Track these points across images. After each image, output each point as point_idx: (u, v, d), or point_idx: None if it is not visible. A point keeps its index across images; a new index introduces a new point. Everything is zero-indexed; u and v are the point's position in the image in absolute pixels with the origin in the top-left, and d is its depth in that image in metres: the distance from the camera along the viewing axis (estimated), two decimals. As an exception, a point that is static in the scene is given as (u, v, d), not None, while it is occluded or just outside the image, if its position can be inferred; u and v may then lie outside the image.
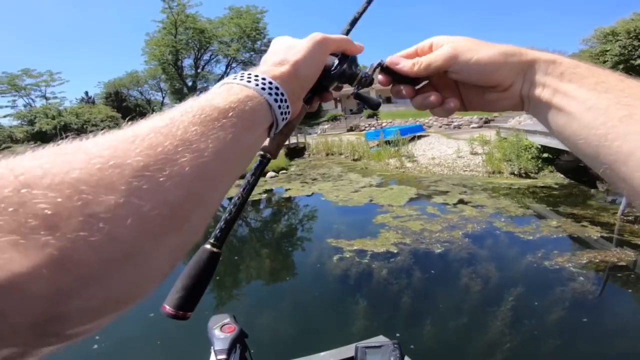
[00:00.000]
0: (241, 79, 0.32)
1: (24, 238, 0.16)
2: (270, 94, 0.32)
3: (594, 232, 5.06)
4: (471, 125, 21.25)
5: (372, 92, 33.35)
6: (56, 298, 0.17)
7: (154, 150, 0.22)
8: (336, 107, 34.69)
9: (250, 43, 31.24)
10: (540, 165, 9.05)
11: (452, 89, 0.41)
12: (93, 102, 36.95)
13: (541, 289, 3.75)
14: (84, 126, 21.98)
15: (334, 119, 30.44)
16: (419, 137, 14.79)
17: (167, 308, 0.28)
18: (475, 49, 0.37)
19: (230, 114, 0.27)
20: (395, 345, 0.92)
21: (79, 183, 0.18)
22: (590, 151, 0.30)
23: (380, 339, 1.09)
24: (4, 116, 38.20)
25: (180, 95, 32.76)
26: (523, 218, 5.77)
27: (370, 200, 7.23)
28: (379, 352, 0.91)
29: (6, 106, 30.26)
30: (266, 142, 0.37)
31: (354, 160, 14.07)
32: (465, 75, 0.38)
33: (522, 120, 16.94)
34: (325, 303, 3.78)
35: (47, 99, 30.98)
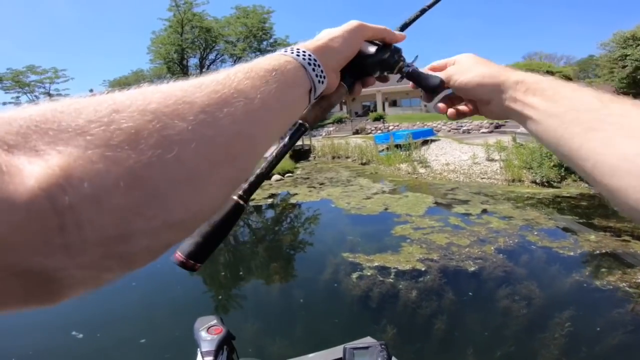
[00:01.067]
0: (279, 51, 0.37)
1: (110, 150, 0.19)
2: (304, 58, 0.36)
3: (639, 248, 4.56)
4: (481, 130, 20.72)
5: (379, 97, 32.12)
6: (126, 213, 0.19)
7: (215, 95, 0.26)
8: (341, 109, 34.25)
9: (257, 43, 30.92)
10: (562, 174, 8.54)
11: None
12: (97, 100, 36.66)
13: (596, 311, 3.27)
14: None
15: (340, 121, 29.97)
16: (430, 141, 14.28)
17: (178, 254, 0.29)
18: (465, 72, 0.46)
19: (274, 73, 0.32)
20: (383, 346, 0.92)
21: (157, 111, 0.22)
22: (554, 149, 0.36)
23: (368, 340, 1.07)
24: (7, 113, 38.06)
25: (184, 95, 32.40)
26: (557, 231, 5.27)
27: (386, 209, 6.74)
28: (367, 353, 0.91)
29: (9, 102, 30.06)
30: (305, 112, 0.39)
31: (362, 164, 13.60)
32: (459, 92, 0.48)
33: (536, 126, 16.44)
34: (314, 306, 3.62)
35: (50, 96, 30.71)
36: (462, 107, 0.51)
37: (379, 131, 25.05)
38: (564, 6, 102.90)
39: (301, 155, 17.67)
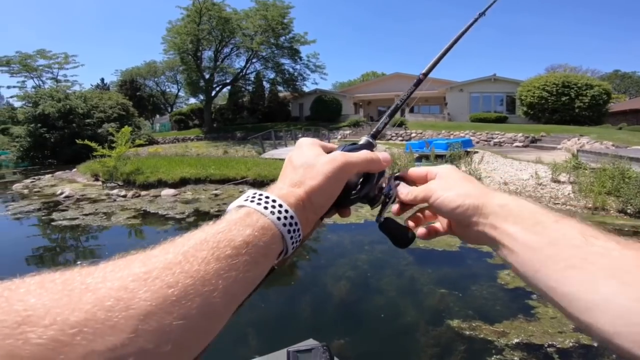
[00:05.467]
0: (259, 203, 0.32)
1: None
2: (284, 224, 0.32)
3: None
4: (514, 144, 19.17)
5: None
6: None
7: (167, 291, 0.22)
8: (357, 112, 32.83)
9: (274, 38, 29.63)
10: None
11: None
12: (108, 89, 35.59)
13: None
14: (91, 112, 20.21)
15: (356, 124, 28.55)
16: (468, 153, 12.76)
17: None
18: (446, 189, 0.42)
19: (244, 250, 0.28)
20: (325, 348, 0.95)
21: (84, 323, 0.19)
22: (529, 282, 0.35)
23: (310, 342, 1.05)
24: (11, 97, 37.03)
25: (196, 88, 31.22)
26: None
27: (463, 242, 5.21)
28: (310, 356, 0.93)
29: (14, 86, 28.91)
30: None
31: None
32: (437, 211, 0.43)
33: (586, 143, 14.89)
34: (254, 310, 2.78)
35: (57, 81, 29.55)
36: (437, 226, 0.47)
37: (400, 138, 23.62)
38: (583, 22, 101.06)
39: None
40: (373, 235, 5.75)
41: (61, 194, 9.05)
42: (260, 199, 0.33)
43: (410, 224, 0.47)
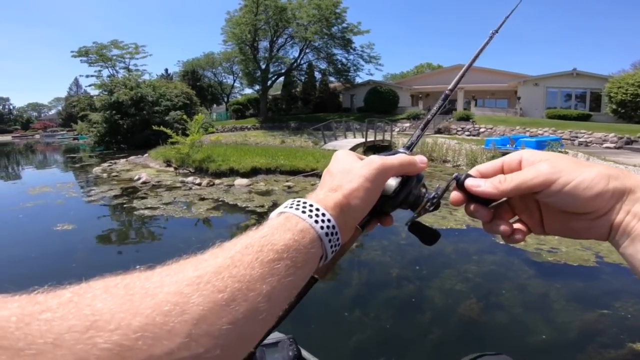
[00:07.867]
0: (297, 208, 0.33)
1: None
2: (322, 227, 0.32)
3: None
4: (604, 145, 16.84)
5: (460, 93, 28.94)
6: None
7: (217, 295, 0.24)
8: (414, 104, 31.28)
9: (327, 28, 29.04)
10: None
11: (531, 210, 0.38)
12: (171, 79, 37.52)
13: None
14: (159, 100, 21.19)
15: (416, 117, 27.13)
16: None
17: None
18: (576, 170, 0.33)
19: (285, 255, 0.28)
20: (291, 340, 0.94)
21: (145, 327, 0.20)
22: None
23: (276, 335, 1.00)
24: (88, 85, 40.30)
25: (252, 78, 31.67)
26: None
27: (599, 257, 4.32)
28: (277, 349, 0.92)
29: (92, 75, 31.21)
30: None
31: (472, 172, 10.99)
32: (558, 199, 0.33)
33: None
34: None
35: (129, 71, 31.47)
36: (520, 226, 0.38)
37: (467, 132, 22.00)
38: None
39: (378, 151, 15.46)
40: (479, 243, 5.00)
41: (138, 179, 9.29)
42: (298, 205, 0.33)
43: (502, 229, 0.37)
